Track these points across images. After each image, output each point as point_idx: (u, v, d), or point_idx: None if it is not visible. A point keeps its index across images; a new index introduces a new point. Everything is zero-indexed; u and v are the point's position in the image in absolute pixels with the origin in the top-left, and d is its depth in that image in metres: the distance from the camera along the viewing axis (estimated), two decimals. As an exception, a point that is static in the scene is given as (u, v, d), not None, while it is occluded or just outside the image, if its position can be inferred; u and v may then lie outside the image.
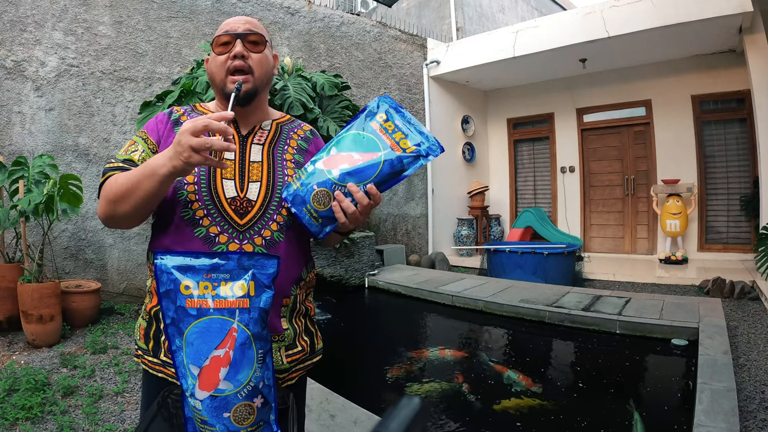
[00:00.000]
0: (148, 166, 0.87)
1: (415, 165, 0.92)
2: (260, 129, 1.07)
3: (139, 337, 1.02)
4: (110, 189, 0.92)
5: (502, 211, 8.16)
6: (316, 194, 0.92)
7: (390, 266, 6.00)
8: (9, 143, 4.02)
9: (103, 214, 0.95)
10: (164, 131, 1.02)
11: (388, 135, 0.92)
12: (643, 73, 6.67)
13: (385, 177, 0.91)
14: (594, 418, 2.38)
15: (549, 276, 5.24)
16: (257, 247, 0.96)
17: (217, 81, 1.02)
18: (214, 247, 0.94)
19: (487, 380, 2.91)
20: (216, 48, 1.01)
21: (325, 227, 0.95)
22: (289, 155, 1.06)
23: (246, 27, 1.02)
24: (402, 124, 0.94)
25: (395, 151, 0.91)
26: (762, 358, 2.94)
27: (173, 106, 1.09)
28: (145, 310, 1.02)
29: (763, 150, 4.91)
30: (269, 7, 5.69)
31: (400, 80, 6.98)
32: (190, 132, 0.81)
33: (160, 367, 0.97)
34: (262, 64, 1.03)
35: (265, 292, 0.87)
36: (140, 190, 0.87)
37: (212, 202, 0.95)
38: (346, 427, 2.04)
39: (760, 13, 4.65)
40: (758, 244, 4.68)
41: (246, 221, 0.96)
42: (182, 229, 0.95)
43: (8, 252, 3.59)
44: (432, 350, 3.47)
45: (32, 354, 3.06)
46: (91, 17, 4.43)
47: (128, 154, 0.99)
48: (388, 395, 2.76)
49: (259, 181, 1.00)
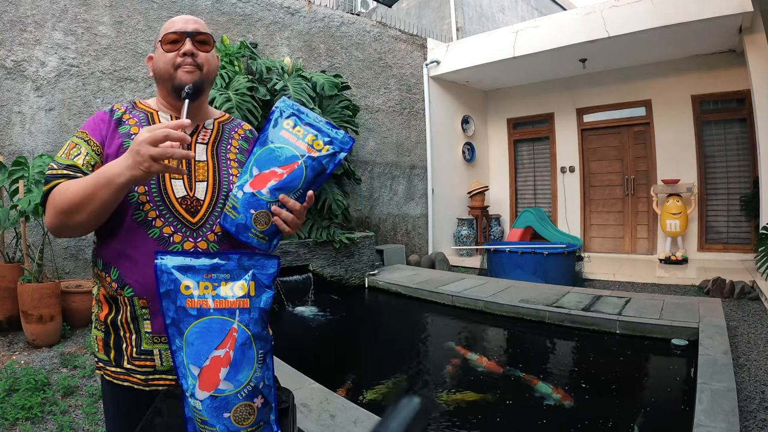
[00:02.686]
0: (103, 176, 0.86)
1: (335, 161, 0.97)
2: (203, 128, 1.08)
3: (97, 348, 1.00)
4: (61, 199, 0.89)
5: (502, 211, 8.16)
6: (256, 217, 0.94)
7: (390, 266, 6.00)
8: (9, 143, 4.02)
9: (53, 225, 0.92)
10: (107, 131, 1.01)
11: (300, 140, 0.96)
12: (643, 73, 6.67)
13: (310, 181, 0.96)
14: (594, 418, 2.38)
15: (549, 276, 5.24)
16: (210, 244, 0.98)
17: (165, 77, 1.02)
18: (170, 247, 0.94)
19: (488, 380, 2.91)
20: (164, 45, 1.02)
21: (272, 241, 0.98)
22: (232, 155, 1.08)
23: (195, 27, 1.04)
24: (309, 124, 0.97)
25: (312, 154, 0.95)
26: (762, 358, 2.94)
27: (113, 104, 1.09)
28: (99, 320, 1.00)
29: (763, 150, 4.91)
30: (269, 7, 5.69)
31: (400, 80, 6.98)
32: (149, 142, 0.81)
33: (125, 376, 0.95)
34: (210, 63, 1.06)
35: (266, 292, 0.88)
36: (97, 199, 0.86)
37: (163, 202, 0.96)
38: (346, 427, 2.04)
39: (760, 13, 4.65)
40: (758, 244, 4.67)
41: (198, 219, 0.98)
42: (134, 232, 0.94)
43: (8, 252, 3.59)
44: (432, 350, 3.47)
45: (32, 354, 3.05)
46: (91, 17, 4.43)
47: (71, 158, 0.96)
48: (388, 395, 2.75)
49: (205, 180, 1.01)
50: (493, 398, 2.64)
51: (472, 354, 3.35)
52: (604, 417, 2.37)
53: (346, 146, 0.97)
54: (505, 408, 2.54)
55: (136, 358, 0.95)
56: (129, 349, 0.95)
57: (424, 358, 3.46)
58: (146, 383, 0.95)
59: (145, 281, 0.93)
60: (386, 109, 6.79)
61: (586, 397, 2.65)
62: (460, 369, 3.11)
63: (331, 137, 0.96)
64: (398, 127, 6.91)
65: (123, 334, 0.96)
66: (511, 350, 3.69)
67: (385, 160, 6.77)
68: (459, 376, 2.98)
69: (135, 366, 0.95)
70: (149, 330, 0.94)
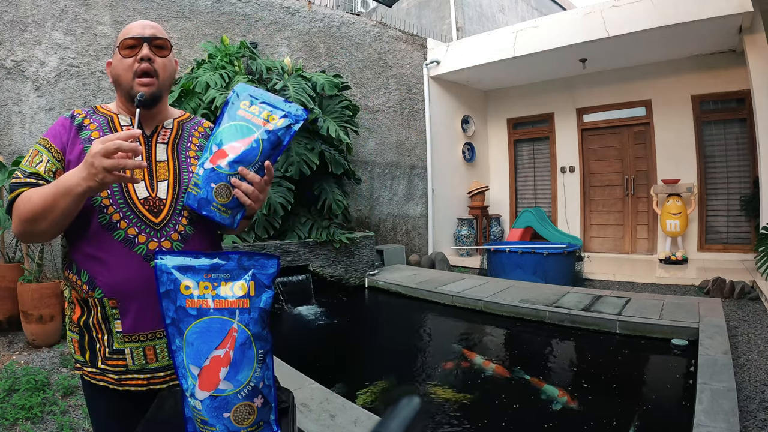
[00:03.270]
0: (61, 185, 0.88)
1: (290, 133, 1.01)
2: (163, 128, 1.10)
3: (74, 350, 1.02)
4: (24, 208, 0.92)
5: (502, 211, 8.16)
6: (217, 190, 0.97)
7: (390, 266, 6.00)
8: (9, 143, 4.02)
9: (19, 233, 0.96)
10: (68, 138, 1.02)
11: (256, 117, 1.01)
12: (643, 73, 6.67)
13: (267, 153, 1.00)
14: (593, 418, 2.37)
15: (549, 276, 5.24)
16: (174, 243, 0.99)
17: (123, 83, 1.04)
18: (135, 248, 0.96)
19: (488, 380, 2.91)
20: (122, 51, 1.03)
21: (235, 216, 1.01)
22: (192, 152, 1.10)
23: (151, 32, 1.05)
24: (264, 102, 1.02)
25: (267, 127, 0.99)
26: (762, 358, 2.93)
27: (74, 109, 1.10)
28: (73, 322, 1.02)
29: (763, 150, 4.91)
30: (269, 7, 5.69)
31: (400, 80, 6.98)
32: (101, 154, 0.83)
33: (100, 376, 0.98)
34: (167, 67, 1.07)
35: (265, 292, 0.88)
36: (57, 208, 0.89)
37: (126, 204, 0.98)
38: (346, 427, 2.04)
39: (760, 13, 4.65)
40: (758, 244, 4.68)
41: (161, 219, 1.00)
42: (100, 235, 0.96)
43: (8, 252, 3.59)
44: (432, 350, 3.47)
45: (32, 354, 3.06)
46: (91, 17, 4.43)
47: (33, 166, 0.99)
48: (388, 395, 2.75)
49: (166, 179, 1.03)
50: (493, 398, 2.64)
51: (472, 354, 3.35)
52: (604, 417, 2.37)
53: (300, 118, 1.01)
54: (503, 407, 2.54)
55: (109, 358, 0.97)
56: (102, 349, 0.98)
57: (424, 358, 3.46)
58: (119, 383, 0.97)
59: (113, 282, 0.95)
60: (386, 109, 6.80)
61: (586, 396, 2.65)
62: (460, 369, 3.11)
63: (285, 111, 1.01)
64: (398, 127, 6.91)
65: (96, 335, 0.98)
66: (510, 350, 3.68)
67: (385, 160, 6.77)
68: (459, 376, 2.98)
69: (108, 366, 0.97)
70: (120, 329, 0.97)
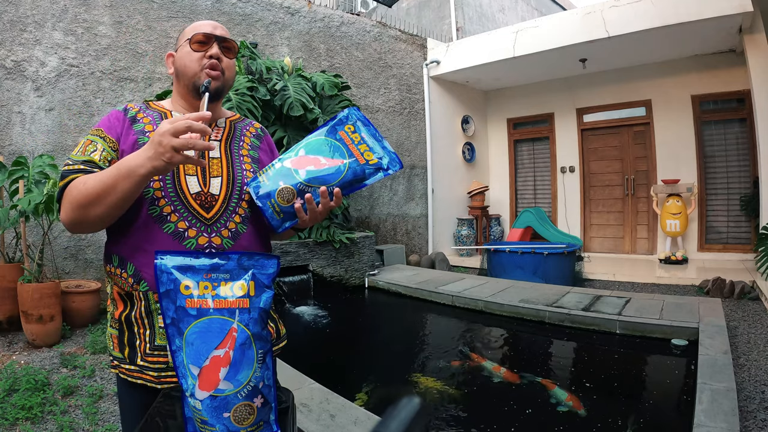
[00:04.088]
0: (123, 167, 0.86)
1: (375, 176, 1.00)
2: (216, 126, 1.11)
3: (112, 347, 1.00)
4: (78, 193, 0.90)
5: (502, 211, 8.16)
6: (282, 190, 0.97)
7: (390, 266, 6.00)
8: (9, 143, 4.02)
9: (69, 220, 0.93)
10: (122, 128, 1.02)
11: (354, 145, 0.99)
12: (643, 73, 6.67)
13: (347, 183, 0.98)
14: (593, 417, 2.37)
15: (549, 276, 5.24)
16: (224, 240, 0.98)
17: (188, 72, 1.04)
18: (184, 242, 0.95)
19: (488, 379, 2.92)
20: (193, 45, 1.03)
21: (285, 222, 1.00)
22: (245, 151, 1.11)
23: (222, 32, 1.06)
24: (367, 137, 1.01)
25: (359, 161, 0.98)
26: (762, 358, 2.94)
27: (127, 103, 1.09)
28: (114, 318, 1.00)
29: (763, 150, 4.91)
30: (269, 7, 5.69)
31: (400, 80, 6.98)
32: (170, 133, 0.82)
33: (138, 374, 0.95)
34: (231, 69, 1.09)
35: (265, 292, 0.88)
36: (117, 191, 0.86)
37: (178, 198, 0.97)
38: (346, 427, 2.04)
39: (760, 13, 4.65)
40: (758, 244, 4.68)
41: (212, 215, 0.99)
42: (150, 227, 0.95)
43: (8, 252, 3.59)
44: (432, 350, 3.47)
45: (32, 354, 3.06)
46: (91, 17, 4.43)
47: (87, 154, 0.97)
48: (388, 394, 2.75)
49: (220, 176, 1.03)
50: (491, 398, 2.64)
51: (479, 358, 3.35)
52: (603, 417, 2.37)
53: (392, 167, 1.00)
54: (503, 407, 2.54)
55: (149, 354, 0.95)
56: (143, 345, 0.95)
57: (424, 358, 3.46)
58: (158, 380, 0.94)
59: None
60: (386, 109, 6.79)
61: (586, 396, 2.65)
62: (460, 369, 3.11)
63: (380, 156, 1.00)
64: (398, 127, 6.91)
65: (137, 330, 0.96)
66: (511, 350, 3.68)
67: (385, 160, 6.75)
68: (459, 376, 2.98)
69: (148, 363, 0.94)
70: (162, 324, 0.94)
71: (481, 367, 3.10)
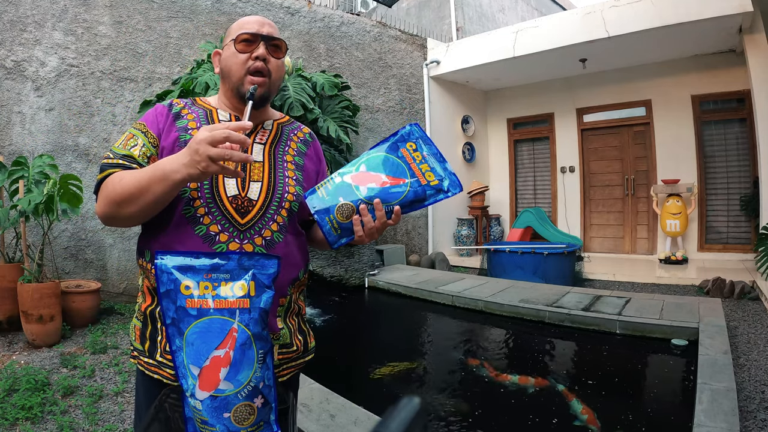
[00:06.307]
0: (158, 170, 0.84)
1: (436, 198, 0.97)
2: (262, 128, 1.06)
3: (134, 338, 1.00)
4: (114, 189, 0.89)
5: (502, 211, 8.16)
6: (341, 207, 0.94)
7: (390, 266, 6.00)
8: (9, 143, 4.02)
9: (103, 214, 0.92)
10: (165, 124, 1.00)
11: (415, 164, 0.97)
12: (643, 73, 6.67)
13: (407, 202, 0.95)
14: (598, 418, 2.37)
15: (549, 276, 5.24)
16: (257, 247, 0.95)
17: (233, 77, 1.01)
18: (215, 246, 0.92)
19: (488, 379, 2.92)
20: (238, 45, 0.99)
21: (341, 238, 0.97)
22: (289, 156, 1.06)
23: (269, 30, 1.02)
24: (429, 156, 0.98)
25: (420, 181, 0.95)
26: (762, 358, 2.94)
27: (173, 99, 1.07)
28: (140, 310, 1.00)
29: (763, 150, 4.91)
30: (269, 7, 5.69)
31: (400, 80, 6.98)
32: (208, 141, 0.79)
33: (156, 368, 0.95)
34: (279, 70, 1.04)
35: (266, 293, 0.87)
36: (150, 193, 0.85)
37: (213, 200, 0.94)
38: (346, 427, 2.04)
39: (760, 13, 4.65)
40: (758, 244, 4.68)
41: (247, 220, 0.95)
42: (182, 227, 0.93)
43: (8, 252, 3.59)
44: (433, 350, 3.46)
45: (32, 354, 3.06)
46: (91, 17, 4.43)
47: (127, 149, 0.96)
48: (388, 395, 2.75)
49: (260, 180, 0.99)
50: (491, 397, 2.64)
51: (473, 354, 3.35)
52: (603, 416, 2.37)
53: (453, 189, 0.97)
54: (501, 405, 2.54)
55: (168, 352, 0.93)
56: (163, 341, 0.95)
57: (424, 358, 3.46)
58: (175, 378, 0.93)
59: None
60: (386, 109, 6.80)
61: (586, 396, 2.65)
62: (460, 369, 3.11)
63: (443, 176, 0.97)
64: (398, 127, 6.89)
65: (160, 326, 0.95)
66: (511, 350, 3.68)
67: (385, 160, 6.76)
68: (459, 376, 2.98)
69: (166, 359, 0.93)
70: None
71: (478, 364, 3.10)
